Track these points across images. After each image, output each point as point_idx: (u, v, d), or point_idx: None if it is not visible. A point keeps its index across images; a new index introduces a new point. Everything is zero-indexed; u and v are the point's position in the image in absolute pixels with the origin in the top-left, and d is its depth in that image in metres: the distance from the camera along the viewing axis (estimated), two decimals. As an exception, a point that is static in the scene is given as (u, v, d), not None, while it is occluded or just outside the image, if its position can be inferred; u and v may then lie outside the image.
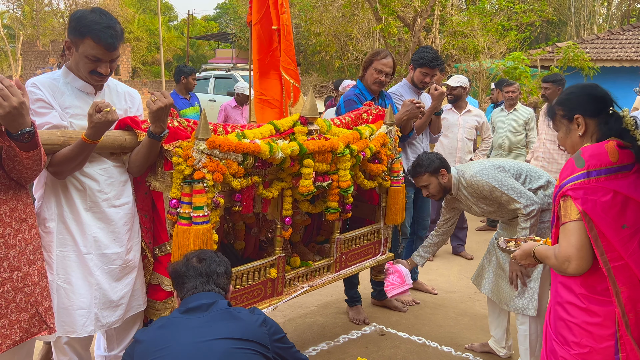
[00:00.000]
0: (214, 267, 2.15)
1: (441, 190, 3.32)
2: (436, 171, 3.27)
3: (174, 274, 2.17)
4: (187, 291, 2.10)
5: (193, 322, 1.99)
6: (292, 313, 4.14)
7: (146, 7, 39.15)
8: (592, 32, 20.11)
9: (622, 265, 1.81)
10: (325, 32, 17.65)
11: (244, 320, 2.04)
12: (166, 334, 1.97)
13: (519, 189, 3.06)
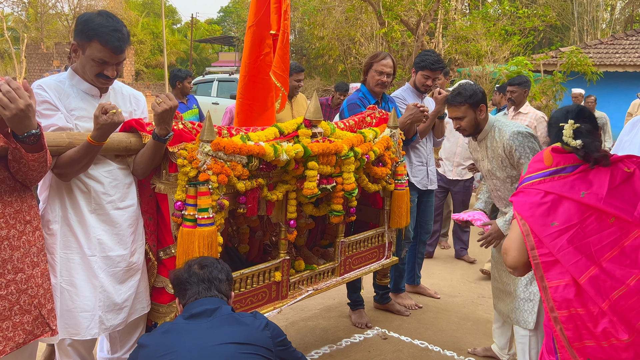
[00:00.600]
0: (216, 273, 2.15)
1: (473, 127, 3.11)
2: (476, 105, 3.06)
3: (175, 280, 2.17)
4: (189, 297, 2.11)
5: (197, 327, 1.99)
6: (295, 316, 4.13)
7: (150, 10, 39.28)
8: (596, 37, 20.11)
9: (553, 261, 1.87)
10: (328, 36, 17.67)
11: (248, 325, 2.04)
12: (171, 339, 1.97)
13: None
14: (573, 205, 1.88)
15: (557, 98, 10.89)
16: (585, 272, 1.82)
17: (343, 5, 15.79)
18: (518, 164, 2.97)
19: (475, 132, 3.13)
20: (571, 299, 1.82)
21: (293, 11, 21.16)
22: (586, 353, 1.82)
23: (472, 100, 3.05)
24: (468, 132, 3.13)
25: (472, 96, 3.05)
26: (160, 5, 31.97)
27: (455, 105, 3.10)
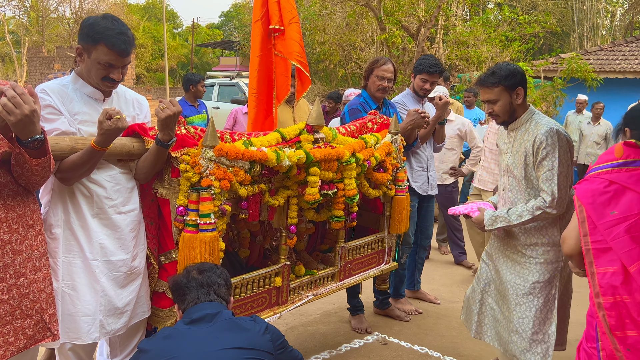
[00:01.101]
0: (215, 278, 2.16)
1: (508, 113, 2.78)
2: (512, 87, 2.72)
3: (175, 286, 2.18)
4: (189, 302, 2.11)
5: (198, 332, 2.00)
6: (294, 321, 4.13)
7: (151, 14, 39.38)
8: (596, 44, 20.15)
9: (605, 248, 1.92)
10: (329, 41, 17.71)
11: (249, 329, 2.05)
12: (172, 344, 1.97)
13: (564, 180, 2.65)
14: (636, 197, 1.92)
15: (557, 104, 10.90)
16: (637, 261, 1.85)
17: (344, 11, 15.82)
18: (539, 165, 2.68)
19: (510, 119, 2.81)
20: (617, 286, 1.86)
21: (295, 15, 21.18)
22: (627, 343, 1.85)
23: (507, 82, 2.71)
24: (502, 118, 2.81)
25: (508, 77, 2.71)
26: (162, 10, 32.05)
27: (488, 87, 2.77)
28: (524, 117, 2.79)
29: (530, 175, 2.78)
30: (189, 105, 6.25)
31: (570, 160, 2.70)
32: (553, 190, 2.62)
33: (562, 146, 2.64)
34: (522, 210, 2.71)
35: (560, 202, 2.64)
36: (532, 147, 2.69)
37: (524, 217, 2.70)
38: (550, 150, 2.64)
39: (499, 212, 2.80)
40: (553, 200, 2.62)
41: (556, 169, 2.63)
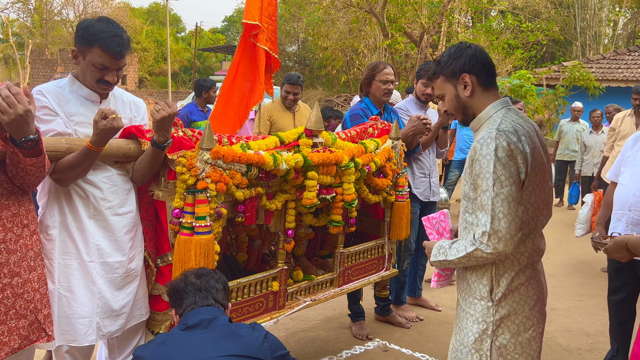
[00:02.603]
0: (213, 283, 2.14)
1: (458, 109, 2.10)
2: (453, 75, 2.05)
3: (172, 290, 2.15)
4: (186, 307, 2.09)
5: (194, 339, 1.98)
6: (295, 327, 4.10)
7: (155, 18, 39.55)
8: (598, 52, 20.17)
9: None
10: (332, 47, 17.77)
11: (246, 337, 2.02)
12: (167, 351, 1.95)
13: (506, 207, 1.87)
14: None
15: (559, 112, 10.91)
16: None
17: (347, 17, 15.86)
18: (474, 184, 1.97)
19: (465, 117, 2.10)
20: None
21: (297, 22, 21.29)
22: None
23: (447, 70, 2.06)
24: (456, 116, 2.16)
25: (447, 62, 2.06)
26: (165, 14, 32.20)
27: (431, 79, 2.17)
28: (483, 115, 2.04)
29: (471, 198, 2.04)
30: (199, 110, 6.31)
31: (526, 176, 1.91)
32: (486, 221, 1.87)
33: (501, 158, 1.86)
34: (461, 244, 1.99)
35: (498, 238, 1.87)
36: (469, 158, 1.98)
37: (460, 253, 1.97)
38: (484, 165, 1.89)
39: (446, 242, 2.10)
40: (485, 234, 1.87)
41: (491, 190, 1.86)
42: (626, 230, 3.06)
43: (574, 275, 5.75)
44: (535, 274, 2.05)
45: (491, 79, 2.05)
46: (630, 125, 5.74)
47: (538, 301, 2.04)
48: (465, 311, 2.08)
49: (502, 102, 2.04)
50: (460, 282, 2.15)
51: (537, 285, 2.05)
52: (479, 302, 2.02)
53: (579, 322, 4.41)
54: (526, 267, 2.01)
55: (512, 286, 1.98)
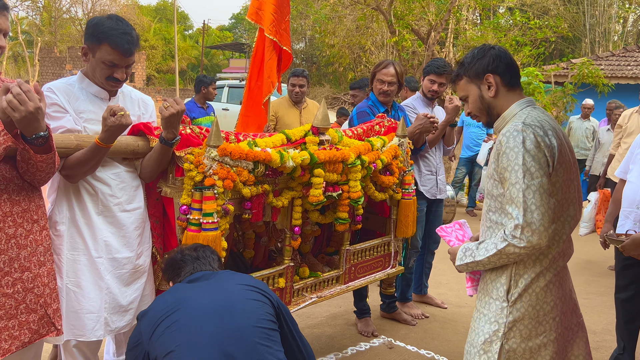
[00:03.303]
0: (209, 253, 2.17)
1: (482, 110, 2.07)
2: (477, 76, 2.04)
3: (169, 262, 2.17)
4: (185, 274, 2.10)
5: (201, 286, 2.01)
6: (301, 323, 4.12)
7: (162, 16, 39.63)
8: (607, 49, 20.02)
9: None
10: (339, 44, 17.72)
11: (253, 278, 2.13)
12: (175, 298, 1.95)
13: (538, 199, 1.83)
14: None
15: (567, 109, 10.83)
16: None
17: (354, 14, 15.82)
18: (501, 178, 1.92)
19: (490, 118, 2.09)
20: None
21: (304, 19, 21.28)
22: None
23: (471, 71, 2.05)
24: (480, 118, 2.12)
25: (471, 64, 2.05)
26: (173, 11, 32.26)
27: (454, 81, 2.16)
28: (507, 114, 2.02)
29: (498, 195, 1.99)
30: (198, 107, 6.30)
31: (553, 170, 1.88)
32: (518, 214, 1.83)
33: (530, 150, 1.84)
34: (490, 242, 1.93)
35: (532, 231, 1.82)
36: (494, 153, 1.95)
37: (489, 252, 1.91)
38: (512, 157, 1.86)
39: (472, 244, 2.04)
40: (517, 227, 1.82)
41: (521, 182, 1.83)
42: (634, 227, 3.05)
43: (580, 273, 5.73)
44: (557, 278, 1.95)
45: (515, 79, 2.03)
46: (637, 122, 5.69)
47: (555, 307, 1.94)
48: (479, 311, 2.03)
49: (527, 100, 2.02)
50: (480, 282, 2.10)
51: (558, 291, 1.95)
52: (494, 302, 1.97)
53: (586, 320, 4.37)
54: (548, 269, 1.93)
55: (530, 288, 1.92)
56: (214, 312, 1.88)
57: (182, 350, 1.78)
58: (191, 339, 1.80)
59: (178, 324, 1.84)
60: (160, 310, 1.90)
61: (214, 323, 1.85)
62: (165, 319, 1.86)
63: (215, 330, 1.83)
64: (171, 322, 1.84)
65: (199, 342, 1.80)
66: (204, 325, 1.84)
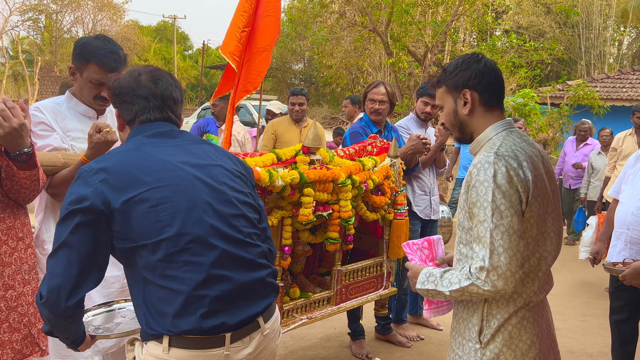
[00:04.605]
0: (171, 91, 1.77)
1: (454, 125, 1.93)
2: (456, 89, 1.88)
3: (118, 89, 1.74)
4: (137, 114, 1.72)
5: (169, 144, 1.71)
6: (294, 345, 4.07)
7: (162, 36, 40.00)
8: (603, 72, 20.21)
9: None
10: (336, 65, 17.90)
11: (227, 151, 1.87)
12: (151, 164, 1.63)
13: (507, 240, 1.68)
14: None
15: (564, 130, 10.90)
16: None
17: (352, 36, 15.99)
18: (470, 213, 1.77)
19: (462, 135, 1.94)
20: None
21: (302, 40, 21.48)
22: None
23: (450, 80, 1.89)
24: (452, 131, 1.99)
25: (453, 72, 1.89)
26: (173, 32, 32.60)
27: (435, 87, 2.01)
28: (482, 138, 1.86)
29: (467, 227, 1.85)
30: (216, 125, 6.44)
31: (527, 205, 1.72)
32: (484, 255, 1.69)
33: (501, 186, 1.68)
34: (455, 275, 1.79)
35: (497, 275, 1.68)
36: (465, 184, 1.80)
37: (452, 286, 1.77)
38: (481, 192, 1.70)
39: (437, 270, 1.89)
40: (483, 269, 1.69)
41: (490, 221, 1.68)
42: (625, 248, 3.04)
43: (577, 295, 5.70)
44: (531, 314, 1.81)
45: (496, 100, 1.87)
46: (632, 144, 5.72)
47: (533, 345, 1.80)
48: (454, 352, 1.91)
49: (503, 123, 1.85)
50: (453, 319, 1.98)
51: (534, 328, 1.81)
52: (467, 343, 1.84)
53: (582, 343, 4.36)
54: (522, 308, 1.79)
55: (502, 327, 1.78)
56: (199, 192, 1.64)
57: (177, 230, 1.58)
58: (183, 223, 1.59)
59: (166, 206, 1.58)
60: (136, 179, 1.59)
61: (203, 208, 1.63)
62: (146, 192, 1.57)
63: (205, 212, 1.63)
64: (157, 201, 1.58)
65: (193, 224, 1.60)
66: (194, 209, 1.62)
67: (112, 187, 1.56)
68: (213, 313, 1.58)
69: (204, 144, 1.80)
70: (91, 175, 1.58)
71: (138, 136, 1.71)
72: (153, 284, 1.58)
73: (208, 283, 1.59)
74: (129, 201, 1.56)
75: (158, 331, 1.58)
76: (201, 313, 1.56)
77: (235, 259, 1.65)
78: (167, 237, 1.56)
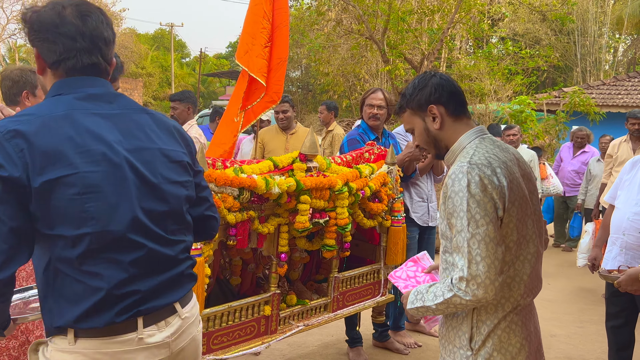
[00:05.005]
0: (102, 30, 1.53)
1: (429, 143, 1.96)
2: (421, 107, 1.92)
3: (37, 24, 1.48)
4: (62, 57, 1.49)
5: (107, 111, 1.52)
6: (292, 353, 4.06)
7: (160, 44, 40.09)
8: (598, 78, 20.32)
9: None
10: (333, 72, 17.94)
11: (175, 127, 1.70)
12: (75, 124, 1.44)
13: (484, 249, 1.69)
14: None
15: (560, 137, 10.93)
16: None
17: (348, 43, 16.05)
18: (448, 222, 1.79)
19: (438, 150, 1.97)
20: None
21: (299, 47, 21.56)
22: None
23: (413, 103, 1.94)
24: (429, 151, 2.01)
25: (413, 95, 1.93)
26: (170, 40, 32.68)
27: (398, 114, 2.04)
28: (456, 147, 1.89)
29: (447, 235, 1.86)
30: (210, 133, 6.52)
31: (505, 212, 1.73)
32: (463, 265, 1.71)
33: (475, 195, 1.70)
34: (439, 288, 1.81)
35: (477, 284, 1.69)
36: (442, 195, 1.81)
37: (437, 299, 1.79)
38: (457, 202, 1.73)
39: (423, 286, 1.92)
40: (462, 279, 1.71)
41: (466, 231, 1.70)
42: (620, 253, 3.05)
43: (575, 301, 5.70)
44: (519, 318, 1.83)
45: (461, 108, 1.91)
46: (627, 150, 5.75)
47: (523, 348, 1.82)
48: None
49: (475, 131, 1.88)
50: (440, 327, 1.99)
51: (522, 331, 1.84)
52: (458, 351, 1.84)
53: (580, 349, 4.36)
54: (510, 312, 1.81)
55: (492, 332, 1.79)
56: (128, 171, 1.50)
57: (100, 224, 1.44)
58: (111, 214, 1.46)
59: (94, 196, 1.43)
60: (63, 156, 1.40)
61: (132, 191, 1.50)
62: (73, 176, 1.41)
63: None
64: (85, 189, 1.42)
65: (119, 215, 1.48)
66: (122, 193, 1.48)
67: (32, 162, 1.36)
68: (129, 309, 1.50)
69: (143, 113, 1.62)
70: (7, 140, 1.36)
71: (67, 96, 1.49)
72: (68, 277, 1.45)
73: (129, 281, 1.49)
74: (51, 182, 1.37)
75: (63, 325, 1.47)
76: (117, 310, 1.48)
77: (158, 257, 1.56)
78: (90, 232, 1.42)
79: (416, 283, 2.13)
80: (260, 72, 3.99)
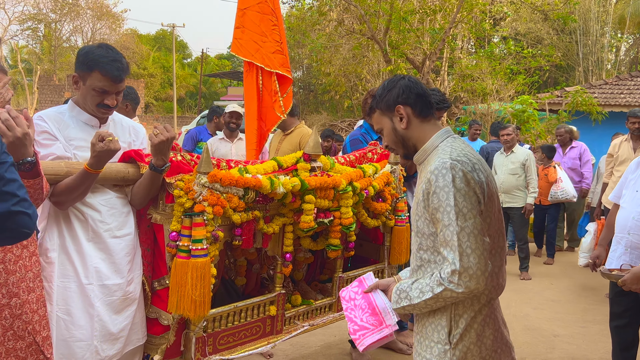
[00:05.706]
0: None
1: (398, 143, 2.00)
2: (389, 108, 1.98)
3: None
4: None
5: None
6: (294, 353, 4.07)
7: (161, 44, 40.14)
8: (601, 78, 20.29)
9: None
10: (335, 72, 17.95)
11: None
12: None
13: (473, 240, 1.75)
14: None
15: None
16: None
17: (350, 43, 16.06)
18: (433, 219, 1.83)
19: (407, 150, 2.00)
20: None
21: (301, 48, 21.57)
22: None
23: (382, 103, 2.00)
24: (397, 150, 2.05)
25: (381, 95, 2.00)
26: (172, 40, 32.72)
27: (369, 115, 2.13)
28: (428, 146, 1.94)
29: (431, 231, 1.89)
30: (208, 134, 6.52)
31: (484, 206, 1.81)
32: (454, 258, 1.75)
33: (461, 189, 1.76)
34: (425, 284, 1.84)
35: (469, 276, 1.74)
36: (423, 192, 1.85)
37: (424, 295, 1.82)
38: (442, 197, 1.77)
39: (404, 283, 1.93)
40: (455, 272, 1.74)
41: (455, 225, 1.75)
42: (625, 253, 3.05)
43: (578, 301, 5.69)
44: (491, 311, 1.89)
45: (427, 109, 1.97)
46: (628, 150, 5.75)
47: (495, 340, 1.89)
48: (421, 355, 1.92)
49: (446, 131, 1.96)
50: (415, 323, 2.01)
51: (494, 324, 1.90)
52: (436, 346, 1.87)
53: (583, 349, 4.36)
54: (485, 305, 1.87)
55: (469, 327, 1.84)
56: None
57: None
58: None
59: None
60: None
61: None
62: None
63: None
64: None
65: None
66: None
67: None
68: None
69: None
70: None
71: None
72: None
73: None
74: None
75: None
76: None
77: None
78: None
79: (354, 306, 2.16)
80: (284, 66, 4.11)
